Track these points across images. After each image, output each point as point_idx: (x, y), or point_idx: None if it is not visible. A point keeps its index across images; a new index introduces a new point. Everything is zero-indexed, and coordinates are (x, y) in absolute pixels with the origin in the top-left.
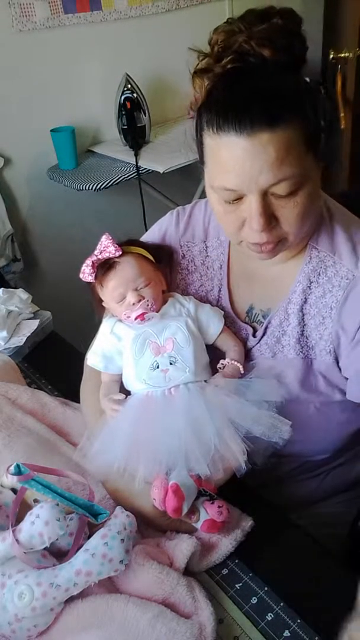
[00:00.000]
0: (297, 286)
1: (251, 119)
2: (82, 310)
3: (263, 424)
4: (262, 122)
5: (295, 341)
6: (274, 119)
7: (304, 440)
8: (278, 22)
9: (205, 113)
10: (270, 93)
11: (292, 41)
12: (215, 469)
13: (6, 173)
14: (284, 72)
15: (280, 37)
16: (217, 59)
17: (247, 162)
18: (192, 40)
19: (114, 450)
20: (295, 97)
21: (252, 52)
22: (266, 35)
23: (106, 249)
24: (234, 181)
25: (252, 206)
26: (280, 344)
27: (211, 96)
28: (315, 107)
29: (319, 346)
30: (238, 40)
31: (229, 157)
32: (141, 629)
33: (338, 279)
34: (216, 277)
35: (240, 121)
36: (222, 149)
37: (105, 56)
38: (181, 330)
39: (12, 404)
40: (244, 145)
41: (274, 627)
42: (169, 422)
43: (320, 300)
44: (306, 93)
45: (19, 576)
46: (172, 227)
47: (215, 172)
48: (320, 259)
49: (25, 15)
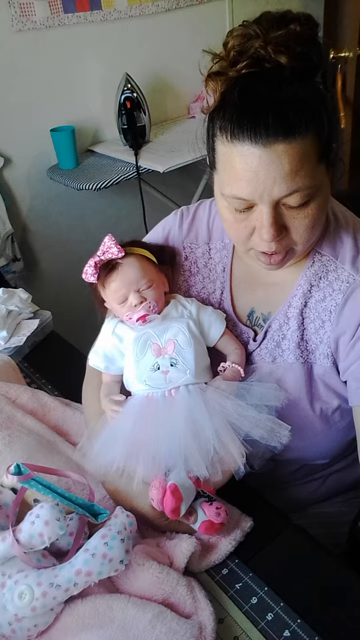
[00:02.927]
0: (297, 290)
1: (267, 129)
2: (82, 310)
3: (262, 427)
4: (278, 132)
5: (295, 345)
6: (291, 129)
7: (303, 445)
8: (296, 28)
9: (218, 119)
10: (287, 102)
11: (309, 48)
12: (214, 470)
13: (6, 173)
14: (300, 79)
15: (297, 44)
16: (232, 63)
17: (261, 172)
18: (192, 40)
19: (114, 450)
20: (312, 108)
21: (268, 58)
22: (283, 41)
23: (109, 250)
24: (246, 190)
25: (263, 216)
26: (280, 348)
27: (225, 101)
28: (329, 116)
29: (319, 350)
30: (254, 46)
31: (242, 167)
32: (141, 629)
33: (339, 283)
34: (219, 280)
35: (255, 130)
36: (235, 157)
37: (105, 56)
38: (182, 332)
39: (12, 404)
40: (258, 155)
41: (274, 627)
42: (169, 423)
43: (320, 304)
44: (322, 102)
45: (19, 576)
46: (175, 228)
47: (227, 180)
48: (322, 263)
49: (25, 15)
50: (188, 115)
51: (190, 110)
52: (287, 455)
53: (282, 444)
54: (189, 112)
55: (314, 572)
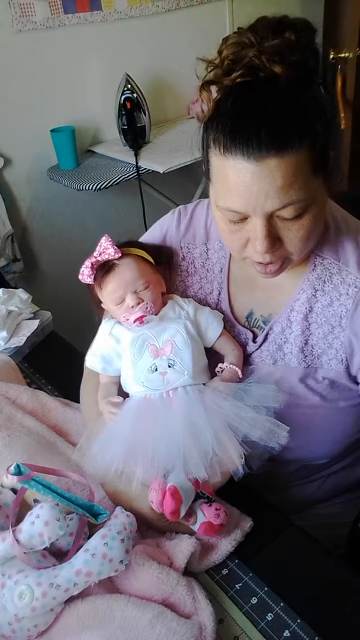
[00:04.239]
0: (300, 294)
1: (259, 144)
2: (82, 310)
3: (261, 428)
4: (270, 147)
5: (299, 350)
6: (283, 145)
7: (303, 445)
8: (291, 37)
9: (212, 130)
10: (280, 116)
11: (306, 56)
12: (213, 472)
13: (6, 173)
14: (295, 89)
15: (292, 53)
16: (226, 72)
17: (254, 186)
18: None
19: (112, 452)
20: (307, 120)
21: (262, 67)
22: (278, 50)
23: (105, 251)
24: (239, 204)
25: (256, 228)
26: (281, 352)
27: (218, 111)
28: (327, 123)
29: (327, 355)
30: (248, 55)
31: (234, 180)
32: (141, 629)
33: (345, 287)
34: (216, 281)
35: (248, 145)
36: (228, 170)
37: (105, 56)
38: (180, 333)
39: (12, 404)
40: (251, 169)
41: (274, 627)
42: (167, 425)
43: (327, 308)
44: (319, 110)
45: (19, 576)
46: (173, 228)
47: (221, 192)
48: (324, 266)
49: (25, 15)
50: (188, 115)
51: (190, 111)
52: (287, 455)
53: (280, 445)
54: (189, 113)
55: (314, 573)
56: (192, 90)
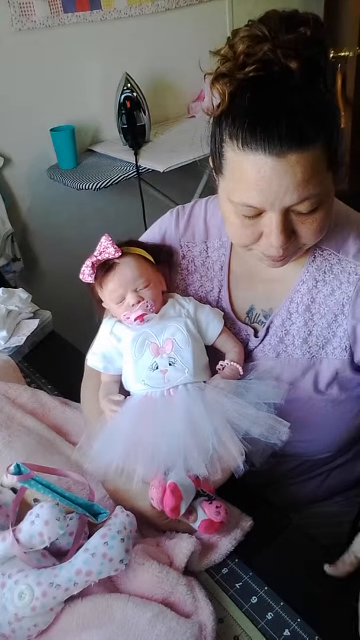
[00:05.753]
0: (301, 285)
1: (280, 139)
2: (82, 310)
3: (262, 425)
4: (292, 142)
5: (302, 341)
6: (304, 139)
7: (306, 439)
8: (306, 32)
9: (227, 125)
10: (299, 111)
11: (318, 52)
12: (213, 469)
13: (6, 173)
14: (310, 84)
15: (307, 48)
16: (240, 66)
17: (274, 181)
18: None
19: (113, 450)
20: (322, 115)
21: (277, 61)
22: (293, 45)
23: (106, 250)
24: (257, 199)
25: (273, 223)
26: (283, 344)
27: (234, 105)
28: (336, 121)
29: (331, 344)
30: (263, 49)
31: (254, 176)
32: (141, 628)
33: (346, 275)
34: (216, 278)
35: (269, 140)
36: (247, 166)
37: (105, 55)
38: (180, 331)
39: (12, 403)
40: (271, 165)
41: (274, 626)
42: (168, 422)
43: (329, 298)
44: (329, 107)
45: (19, 576)
46: (171, 227)
47: (237, 187)
48: (324, 257)
49: (25, 15)
50: (188, 114)
51: (190, 110)
52: (290, 450)
53: (282, 441)
54: (189, 112)
55: (314, 572)
56: (192, 89)
